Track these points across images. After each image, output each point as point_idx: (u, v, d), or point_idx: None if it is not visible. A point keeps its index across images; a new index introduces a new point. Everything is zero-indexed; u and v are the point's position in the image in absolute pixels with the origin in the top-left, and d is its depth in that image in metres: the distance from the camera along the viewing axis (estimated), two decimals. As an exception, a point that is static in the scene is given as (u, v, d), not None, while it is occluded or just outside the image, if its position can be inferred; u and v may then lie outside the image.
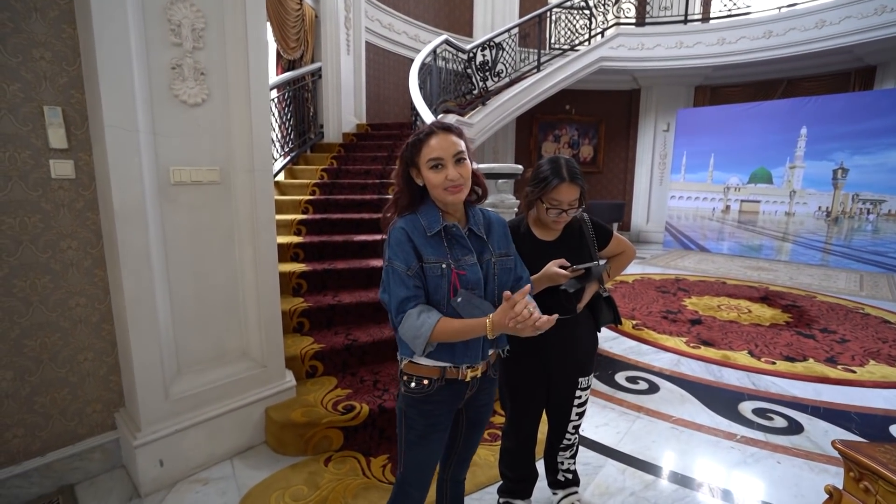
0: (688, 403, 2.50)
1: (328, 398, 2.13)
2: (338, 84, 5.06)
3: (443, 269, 1.08)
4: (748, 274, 6.05)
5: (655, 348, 3.32)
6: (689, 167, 7.93)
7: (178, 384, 1.78)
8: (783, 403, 2.50)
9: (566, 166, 1.32)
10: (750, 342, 3.46)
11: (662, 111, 8.35)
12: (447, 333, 1.05)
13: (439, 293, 1.09)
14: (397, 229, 1.11)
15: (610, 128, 9.03)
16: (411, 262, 1.07)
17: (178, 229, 1.74)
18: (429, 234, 1.10)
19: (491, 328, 1.00)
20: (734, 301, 4.66)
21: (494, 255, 1.16)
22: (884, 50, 6.03)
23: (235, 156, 1.85)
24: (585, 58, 6.68)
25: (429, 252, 1.09)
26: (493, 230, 1.21)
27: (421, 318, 1.05)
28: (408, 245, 1.08)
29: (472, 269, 1.11)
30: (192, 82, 1.66)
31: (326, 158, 4.67)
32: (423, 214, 1.13)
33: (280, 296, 2.45)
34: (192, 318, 1.81)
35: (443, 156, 1.07)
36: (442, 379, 1.14)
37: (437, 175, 1.07)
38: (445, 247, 1.11)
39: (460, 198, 1.09)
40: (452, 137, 1.09)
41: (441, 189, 1.08)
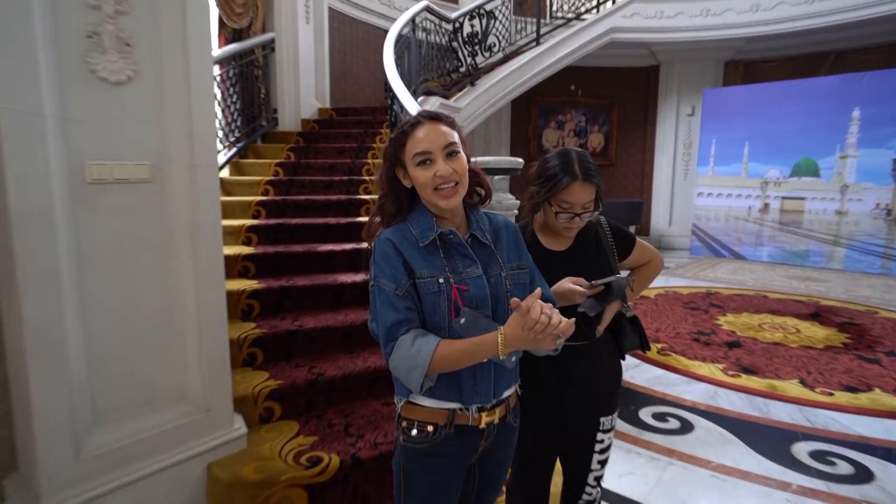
0: (730, 445, 2.50)
1: (288, 448, 2.08)
2: (295, 59, 5.04)
3: (440, 284, 1.07)
4: (794, 286, 6.15)
5: (686, 377, 3.35)
6: (720, 158, 8.05)
7: (93, 437, 1.69)
8: (847, 444, 2.52)
9: (579, 161, 1.32)
10: (801, 369, 3.50)
11: (686, 92, 8.50)
12: (451, 358, 1.03)
13: (438, 314, 1.08)
14: (382, 241, 1.10)
15: (624, 112, 9.16)
16: (401, 280, 1.07)
17: (98, 240, 1.67)
18: (421, 244, 1.10)
19: (503, 344, 0.99)
20: (779, 319, 4.72)
21: (505, 268, 1.15)
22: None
23: (171, 148, 1.80)
24: (594, 28, 6.79)
25: (422, 265, 1.08)
26: (503, 237, 1.20)
27: (416, 343, 1.03)
28: (396, 259, 1.08)
29: (477, 284, 1.10)
30: (113, 55, 1.61)
31: (282, 150, 4.64)
32: (414, 222, 1.13)
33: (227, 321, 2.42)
34: (114, 351, 1.74)
35: (430, 149, 1.07)
36: (450, 425, 1.12)
37: (424, 172, 1.07)
38: (442, 258, 1.10)
39: (455, 201, 1.09)
40: (442, 127, 1.09)
41: (431, 189, 1.08)
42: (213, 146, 1.91)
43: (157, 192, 1.80)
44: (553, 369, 1.43)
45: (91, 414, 1.70)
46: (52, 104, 1.51)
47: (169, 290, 1.87)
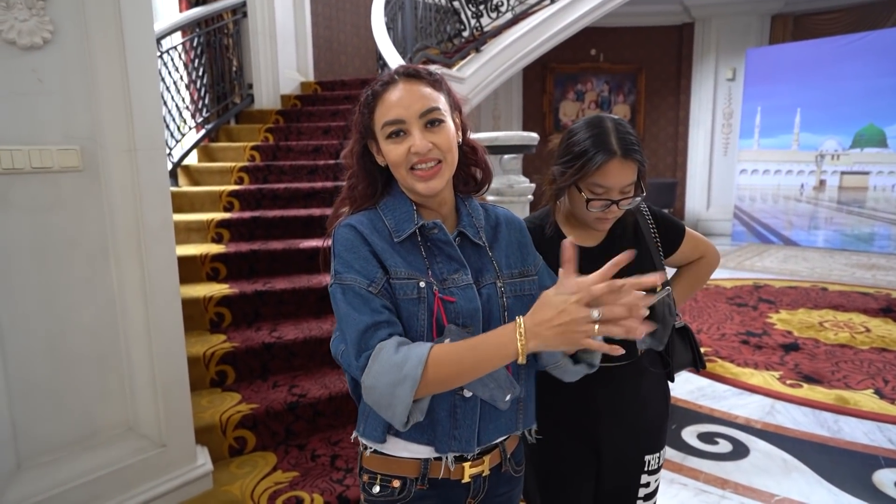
0: (795, 473, 2.39)
1: (263, 487, 2.00)
2: (272, 26, 4.98)
3: (420, 289, 0.94)
4: (858, 276, 6.08)
5: (737, 388, 3.27)
6: (765, 129, 7.98)
7: (16, 487, 1.59)
8: None
9: (616, 133, 1.17)
10: (875, 376, 3.40)
11: (726, 52, 8.38)
12: (451, 366, 0.86)
13: (415, 328, 0.93)
14: (343, 228, 0.97)
15: (653, 78, 9.07)
16: (374, 274, 0.93)
17: (14, 245, 1.57)
18: (397, 238, 0.97)
19: (524, 336, 0.80)
20: (843, 315, 4.64)
21: (503, 277, 1.02)
22: None
23: (105, 128, 1.70)
24: (618, -19, 6.62)
25: (397, 262, 0.95)
26: (502, 236, 1.07)
27: (402, 350, 0.86)
28: (364, 247, 0.94)
29: (466, 294, 0.96)
30: (23, 11, 1.48)
31: (258, 132, 4.61)
32: (388, 209, 1.00)
33: (190, 333, 2.37)
34: (41, 381, 1.65)
35: (403, 116, 0.93)
36: (423, 479, 0.99)
37: (396, 147, 0.94)
38: (424, 258, 0.97)
39: (436, 185, 0.95)
40: (421, 87, 0.95)
41: (405, 169, 0.95)
42: (160, 125, 1.81)
43: (90, 184, 1.71)
44: (585, 398, 1.30)
45: (13, 459, 1.62)
46: (-57, 75, 1.38)
47: (110, 304, 1.79)
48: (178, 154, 4.04)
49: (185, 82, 4.23)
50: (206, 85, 4.51)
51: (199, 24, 4.34)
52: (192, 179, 4.02)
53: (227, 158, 4.25)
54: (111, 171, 1.72)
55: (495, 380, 0.92)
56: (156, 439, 1.87)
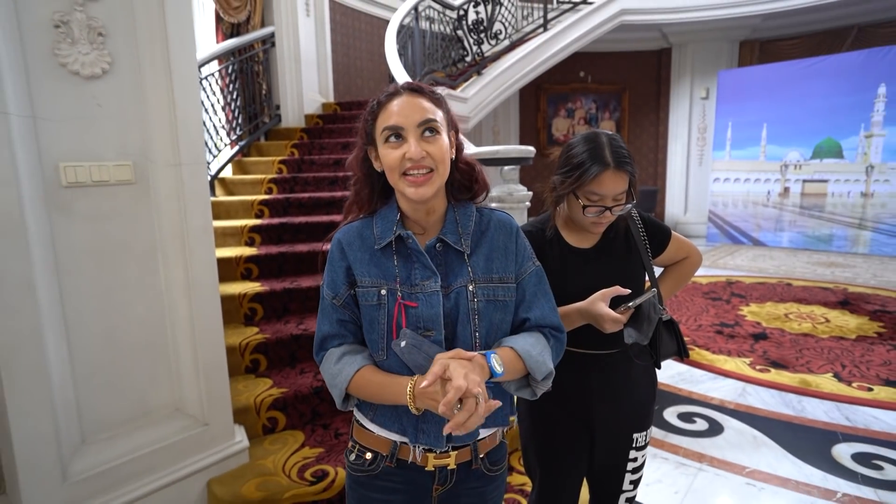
0: (764, 448, 2.37)
1: (292, 462, 1.99)
2: (296, 53, 4.96)
3: (380, 296, 0.94)
4: (819, 272, 6.01)
5: (712, 373, 3.23)
6: (736, 142, 7.89)
7: (81, 459, 1.60)
8: (893, 446, 2.37)
9: (610, 146, 1.16)
10: (834, 361, 3.37)
11: (700, 74, 8.32)
12: (366, 391, 0.94)
13: (376, 331, 0.95)
14: (333, 241, 1.00)
15: (635, 97, 8.99)
16: (339, 288, 0.97)
17: (77, 248, 1.58)
18: (377, 245, 0.97)
19: (412, 396, 0.85)
20: (805, 307, 4.59)
21: (476, 280, 0.95)
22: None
23: (154, 146, 1.70)
24: (603, 11, 6.61)
25: (365, 271, 0.96)
26: (487, 240, 0.99)
27: (340, 363, 0.95)
28: (339, 263, 0.98)
29: (430, 300, 0.92)
30: (85, 46, 1.49)
31: (285, 147, 4.58)
32: (380, 216, 1.00)
33: (227, 326, 2.34)
34: (101, 367, 1.65)
35: (402, 123, 0.90)
36: (392, 458, 0.98)
37: (392, 151, 0.91)
38: (395, 265, 0.96)
39: (426, 192, 0.91)
40: (421, 101, 0.93)
41: (398, 174, 0.91)
42: (201, 142, 1.80)
43: (142, 195, 1.70)
44: (581, 381, 1.30)
45: (79, 435, 1.63)
46: (17, 102, 1.40)
47: (159, 300, 1.78)
48: (215, 167, 4.02)
49: (221, 104, 4.21)
50: (240, 106, 4.49)
51: (234, 53, 4.32)
52: (228, 190, 4.01)
53: (258, 171, 4.23)
54: (159, 183, 1.71)
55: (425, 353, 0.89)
56: (199, 418, 1.87)
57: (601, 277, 1.16)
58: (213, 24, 4.61)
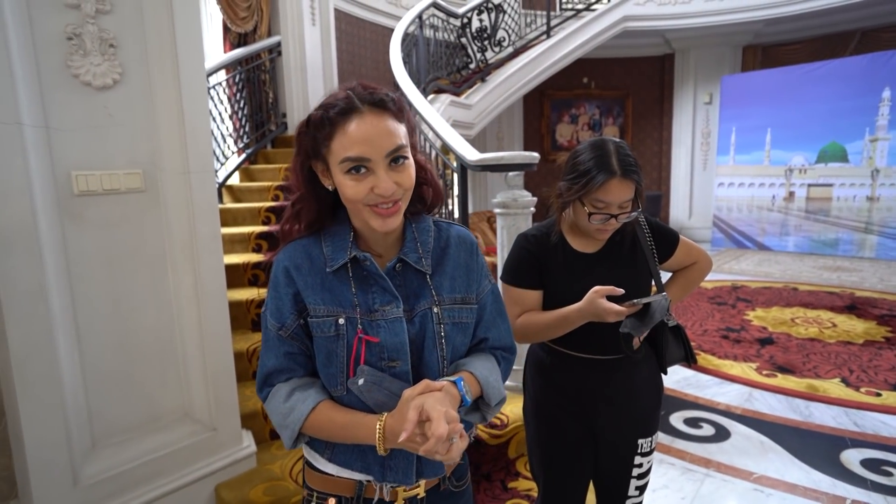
0: (771, 454, 2.35)
1: (299, 467, 1.97)
2: (302, 62, 4.97)
3: (338, 325, 0.82)
4: (825, 276, 5.97)
5: (718, 378, 3.21)
6: (740, 146, 7.86)
7: (92, 464, 1.61)
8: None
9: (616, 154, 1.15)
10: (842, 366, 3.34)
11: (703, 79, 8.30)
12: (327, 431, 0.82)
13: (334, 364, 0.83)
14: (277, 263, 0.87)
15: (639, 103, 8.98)
16: (286, 318, 0.84)
17: (88, 255, 1.59)
18: (329, 268, 0.84)
19: (382, 437, 0.76)
20: (812, 312, 4.56)
21: (441, 303, 0.87)
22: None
23: (164, 154, 1.71)
24: (605, 18, 6.63)
25: (318, 298, 0.83)
26: (449, 258, 0.90)
27: (292, 399, 0.83)
28: (286, 289, 0.84)
29: (393, 328, 0.83)
30: (97, 57, 1.51)
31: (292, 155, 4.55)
32: (329, 236, 0.87)
33: (235, 332, 2.35)
34: (111, 373, 1.66)
35: (369, 155, 0.76)
36: (358, 499, 0.88)
37: (356, 185, 0.78)
38: (352, 290, 0.84)
39: (394, 223, 0.81)
40: (388, 122, 0.78)
41: (362, 206, 0.79)
42: (209, 151, 1.80)
43: (151, 202, 1.71)
44: (582, 386, 1.29)
45: (89, 439, 1.63)
46: (31, 112, 1.41)
47: (168, 306, 1.78)
48: (222, 175, 4.04)
49: (228, 113, 4.23)
50: (247, 115, 4.51)
51: (241, 62, 4.34)
52: (235, 197, 4.01)
53: (264, 178, 4.23)
54: (168, 191, 1.72)
55: (386, 390, 0.81)
56: (208, 424, 1.87)
57: (606, 283, 1.15)
58: (221, 34, 4.66)
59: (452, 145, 2.76)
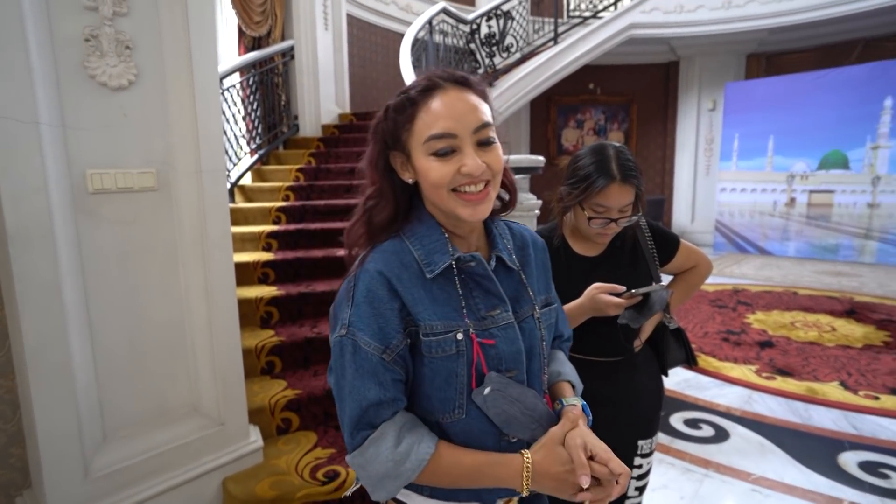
0: (770, 455, 2.32)
1: (305, 462, 1.98)
2: (314, 66, 4.99)
3: (458, 342, 0.70)
4: (825, 281, 5.92)
5: (718, 380, 3.18)
6: (743, 153, 7.81)
7: (102, 456, 1.60)
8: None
9: (617, 159, 1.14)
10: (840, 370, 3.30)
11: (707, 86, 8.25)
12: (450, 475, 0.70)
13: (453, 387, 0.71)
14: (368, 273, 0.72)
15: (643, 109, 8.93)
16: (392, 338, 0.70)
17: (102, 252, 1.58)
18: (429, 273, 0.72)
19: (529, 477, 0.67)
20: (811, 316, 4.52)
21: (538, 305, 0.79)
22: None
23: (177, 154, 1.70)
24: (612, 25, 6.59)
25: (431, 313, 0.71)
26: (531, 259, 0.83)
27: (404, 444, 0.68)
28: (389, 304, 0.70)
29: (507, 335, 0.74)
30: (113, 59, 1.50)
31: (303, 156, 4.59)
32: (416, 238, 0.75)
33: (244, 329, 2.34)
34: (122, 367, 1.65)
35: (455, 130, 0.68)
36: None
37: (442, 166, 0.69)
38: (460, 297, 0.73)
39: (483, 211, 0.72)
40: (472, 97, 0.71)
41: (446, 192, 0.70)
42: (221, 151, 1.80)
43: (164, 201, 1.70)
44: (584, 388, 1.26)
45: (100, 432, 1.62)
46: (48, 111, 1.41)
47: (178, 303, 1.77)
48: (235, 175, 4.06)
49: (242, 114, 4.25)
50: (260, 116, 4.52)
51: (255, 65, 4.36)
52: (247, 197, 4.02)
53: (276, 179, 4.23)
54: (181, 190, 1.71)
55: (538, 420, 0.73)
56: (216, 418, 1.86)
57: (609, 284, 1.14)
58: (236, 38, 4.67)
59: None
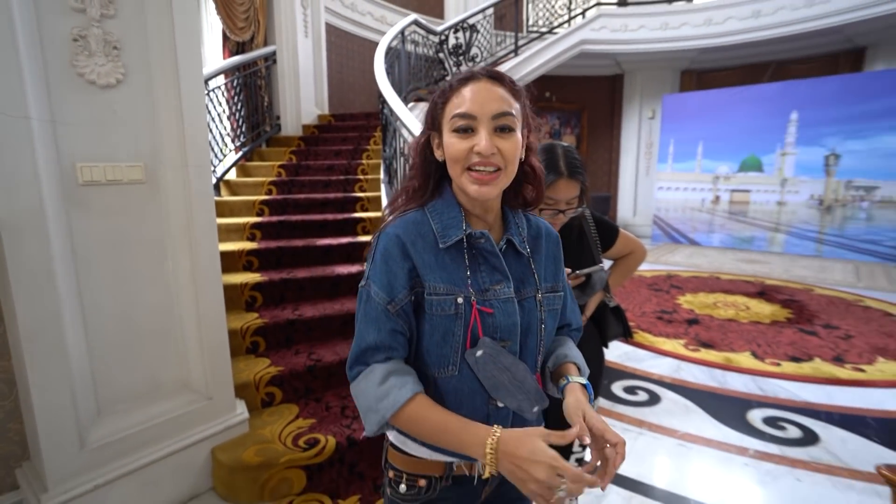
0: (693, 415, 2.43)
1: (288, 431, 1.97)
2: (295, 70, 4.87)
3: (458, 304, 0.72)
4: (742, 267, 6.12)
5: (653, 353, 3.28)
6: (677, 156, 8.00)
7: (97, 429, 1.56)
8: (794, 410, 2.46)
9: (564, 158, 1.18)
10: (752, 342, 3.45)
11: (647, 97, 8.42)
12: (420, 426, 0.70)
13: (449, 344, 0.73)
14: (389, 236, 0.75)
15: (593, 116, 9.08)
16: (398, 292, 0.73)
17: (92, 240, 1.53)
18: (442, 244, 0.74)
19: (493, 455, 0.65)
20: (731, 297, 4.67)
21: (542, 289, 0.80)
22: (874, 30, 6.21)
23: (164, 149, 1.65)
24: (565, 41, 6.64)
25: (437, 276, 0.73)
26: (542, 248, 0.83)
27: (387, 384, 0.71)
28: (401, 263, 0.73)
29: (506, 308, 0.75)
30: (101, 58, 1.44)
31: (284, 153, 4.49)
32: (437, 211, 0.77)
33: (230, 312, 2.30)
34: (114, 347, 1.61)
35: (475, 112, 0.71)
36: (448, 478, 0.80)
37: (459, 142, 0.71)
38: (467, 267, 0.75)
39: (488, 192, 0.73)
40: (499, 89, 0.73)
41: (460, 167, 0.72)
42: (206, 147, 1.75)
43: (152, 193, 1.65)
44: None
45: (95, 407, 1.58)
46: (38, 107, 1.35)
47: (167, 288, 1.73)
48: (221, 171, 3.92)
49: (227, 114, 4.11)
50: (244, 116, 4.39)
51: (239, 68, 4.22)
52: (232, 191, 3.91)
53: (259, 174, 4.14)
54: (168, 183, 1.67)
55: (525, 392, 0.75)
56: (204, 393, 1.84)
57: None
58: (221, 43, 4.51)
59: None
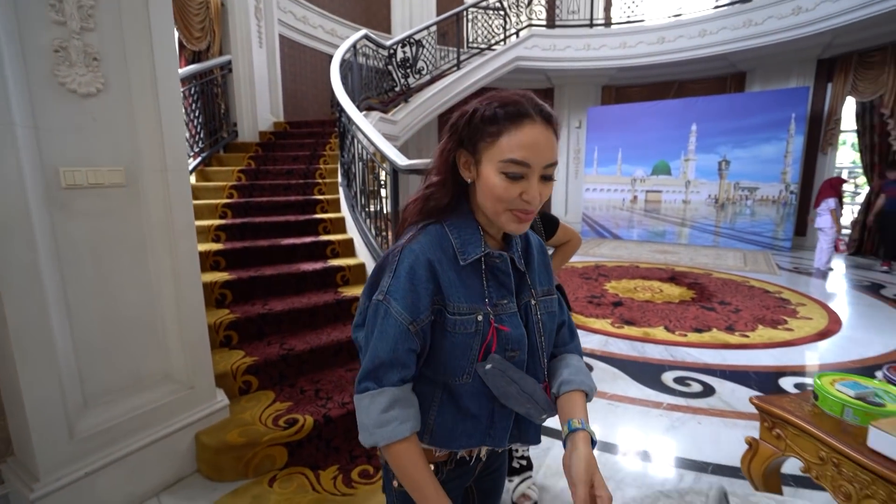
0: (619, 380, 2.67)
1: (267, 414, 1.99)
2: (251, 79, 4.75)
3: (478, 322, 0.70)
4: (656, 257, 6.57)
5: (585, 331, 3.50)
6: (601, 161, 8.44)
7: (85, 420, 1.54)
8: (697, 370, 2.77)
9: None
10: (664, 318, 3.77)
11: (575, 109, 8.82)
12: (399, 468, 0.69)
13: (466, 356, 0.71)
14: (416, 255, 0.70)
15: (528, 125, 9.42)
16: (421, 314, 0.69)
17: (77, 241, 1.50)
18: (462, 261, 0.71)
19: None
20: (647, 282, 5.02)
21: (536, 295, 0.79)
22: (751, 58, 7.00)
23: (143, 154, 1.64)
24: (502, 57, 6.90)
25: (460, 296, 0.71)
26: (534, 257, 0.82)
27: (390, 413, 0.68)
28: (426, 285, 0.69)
29: (513, 322, 0.74)
30: (81, 69, 1.43)
31: (243, 159, 4.37)
32: (455, 228, 0.73)
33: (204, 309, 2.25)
34: (99, 342, 1.58)
35: (532, 161, 0.67)
36: (451, 462, 0.80)
37: (509, 186, 0.67)
38: (484, 286, 0.73)
39: (526, 227, 0.72)
40: (552, 136, 0.69)
41: (504, 207, 0.69)
42: (184, 151, 1.75)
43: (132, 196, 1.64)
44: None
45: (82, 399, 1.55)
46: (21, 114, 1.32)
47: (149, 286, 1.72)
48: (179, 175, 3.80)
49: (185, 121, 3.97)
50: (201, 123, 4.24)
51: (195, 76, 4.06)
52: (193, 195, 3.64)
53: (219, 179, 4.00)
54: (147, 186, 1.66)
55: (534, 402, 0.74)
56: (186, 383, 1.84)
57: None
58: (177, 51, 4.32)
59: (386, 153, 2.76)
